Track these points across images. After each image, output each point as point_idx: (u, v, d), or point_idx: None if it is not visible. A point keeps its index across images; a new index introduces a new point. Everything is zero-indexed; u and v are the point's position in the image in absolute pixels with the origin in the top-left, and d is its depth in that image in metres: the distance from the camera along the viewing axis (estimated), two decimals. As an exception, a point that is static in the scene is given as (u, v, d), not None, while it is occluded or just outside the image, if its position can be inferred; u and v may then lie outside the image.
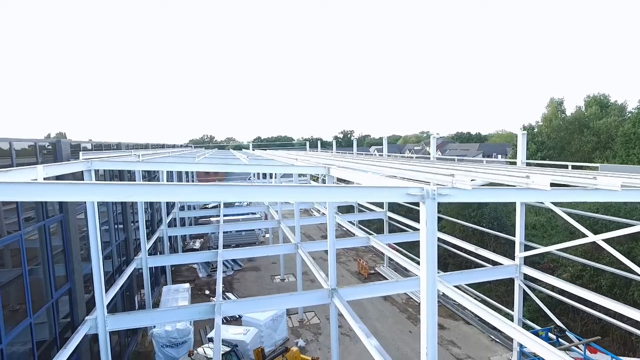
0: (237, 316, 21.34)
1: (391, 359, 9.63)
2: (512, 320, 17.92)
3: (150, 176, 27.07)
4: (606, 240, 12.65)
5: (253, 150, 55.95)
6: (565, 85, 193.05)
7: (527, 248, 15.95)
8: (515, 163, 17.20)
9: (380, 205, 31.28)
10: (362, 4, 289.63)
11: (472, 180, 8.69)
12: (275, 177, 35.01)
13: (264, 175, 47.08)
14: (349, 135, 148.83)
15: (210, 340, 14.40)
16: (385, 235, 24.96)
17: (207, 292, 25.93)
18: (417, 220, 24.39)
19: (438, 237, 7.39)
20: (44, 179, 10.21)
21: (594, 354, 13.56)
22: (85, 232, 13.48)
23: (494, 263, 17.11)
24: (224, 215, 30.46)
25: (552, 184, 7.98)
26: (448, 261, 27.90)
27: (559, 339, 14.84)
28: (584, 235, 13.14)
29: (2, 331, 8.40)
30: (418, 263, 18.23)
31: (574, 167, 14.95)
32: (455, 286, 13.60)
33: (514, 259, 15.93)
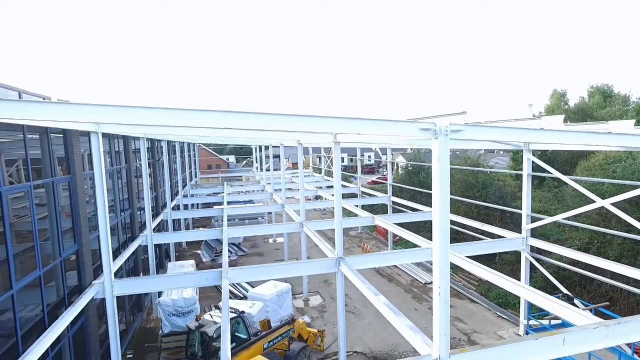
0: (242, 295, 21.36)
1: (399, 310, 9.59)
2: (518, 301, 17.92)
3: (153, 148, 26.33)
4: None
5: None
6: (569, 78, 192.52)
7: (533, 221, 15.91)
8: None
9: (384, 190, 31.16)
10: (364, 3, 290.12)
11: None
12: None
13: (267, 168, 47.15)
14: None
15: (217, 307, 14.38)
16: (390, 215, 24.93)
17: (211, 275, 25.90)
18: (421, 203, 24.36)
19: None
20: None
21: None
22: (92, 214, 13.50)
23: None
24: (227, 203, 30.54)
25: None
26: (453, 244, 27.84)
27: (567, 308, 14.75)
28: (593, 201, 13.06)
29: (13, 277, 8.39)
30: (425, 238, 18.11)
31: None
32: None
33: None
